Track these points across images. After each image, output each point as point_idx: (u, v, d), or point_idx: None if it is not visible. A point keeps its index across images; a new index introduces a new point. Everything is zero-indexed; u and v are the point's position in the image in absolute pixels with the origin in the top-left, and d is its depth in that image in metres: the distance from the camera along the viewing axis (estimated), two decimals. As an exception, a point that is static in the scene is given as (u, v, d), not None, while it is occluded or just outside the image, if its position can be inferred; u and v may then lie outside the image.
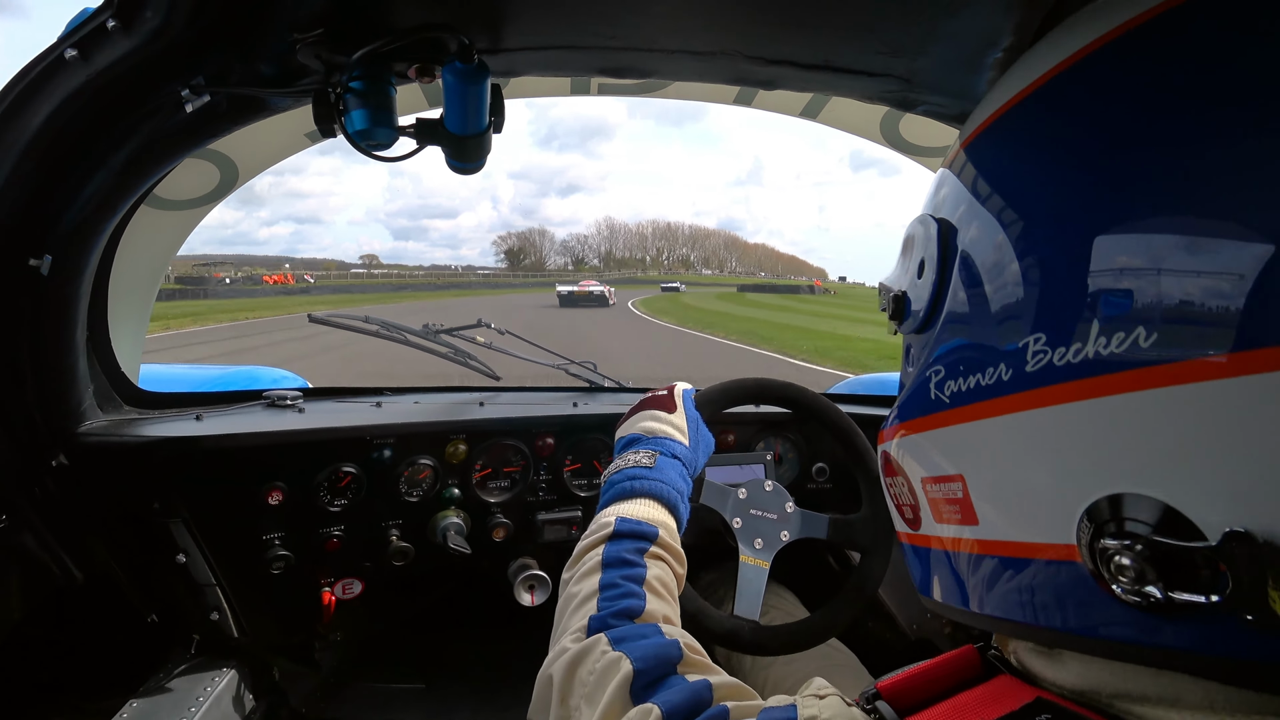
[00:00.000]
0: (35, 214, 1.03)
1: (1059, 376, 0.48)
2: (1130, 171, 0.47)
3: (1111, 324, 0.44)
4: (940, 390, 0.60)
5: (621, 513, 0.93)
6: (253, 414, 1.63)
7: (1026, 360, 0.50)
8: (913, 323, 0.67)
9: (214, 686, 1.42)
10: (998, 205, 0.57)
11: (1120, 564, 0.44)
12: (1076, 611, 0.49)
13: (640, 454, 1.04)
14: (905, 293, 0.70)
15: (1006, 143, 0.59)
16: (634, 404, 1.20)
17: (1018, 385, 0.51)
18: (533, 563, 1.65)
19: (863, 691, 0.60)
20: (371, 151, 1.04)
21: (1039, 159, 0.55)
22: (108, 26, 0.87)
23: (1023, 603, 0.53)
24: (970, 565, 0.59)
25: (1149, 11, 0.48)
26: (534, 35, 0.99)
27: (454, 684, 1.89)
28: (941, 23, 0.85)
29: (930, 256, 0.63)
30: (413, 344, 1.96)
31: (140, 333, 1.74)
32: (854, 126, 1.78)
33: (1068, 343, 0.47)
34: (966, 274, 0.59)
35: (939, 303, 0.62)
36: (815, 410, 1.37)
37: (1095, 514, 0.46)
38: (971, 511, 0.57)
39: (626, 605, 0.76)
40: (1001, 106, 0.59)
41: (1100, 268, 0.46)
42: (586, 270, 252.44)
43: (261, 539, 1.45)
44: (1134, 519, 0.43)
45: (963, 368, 0.57)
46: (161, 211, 1.63)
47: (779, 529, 1.25)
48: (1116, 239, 0.46)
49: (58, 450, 1.24)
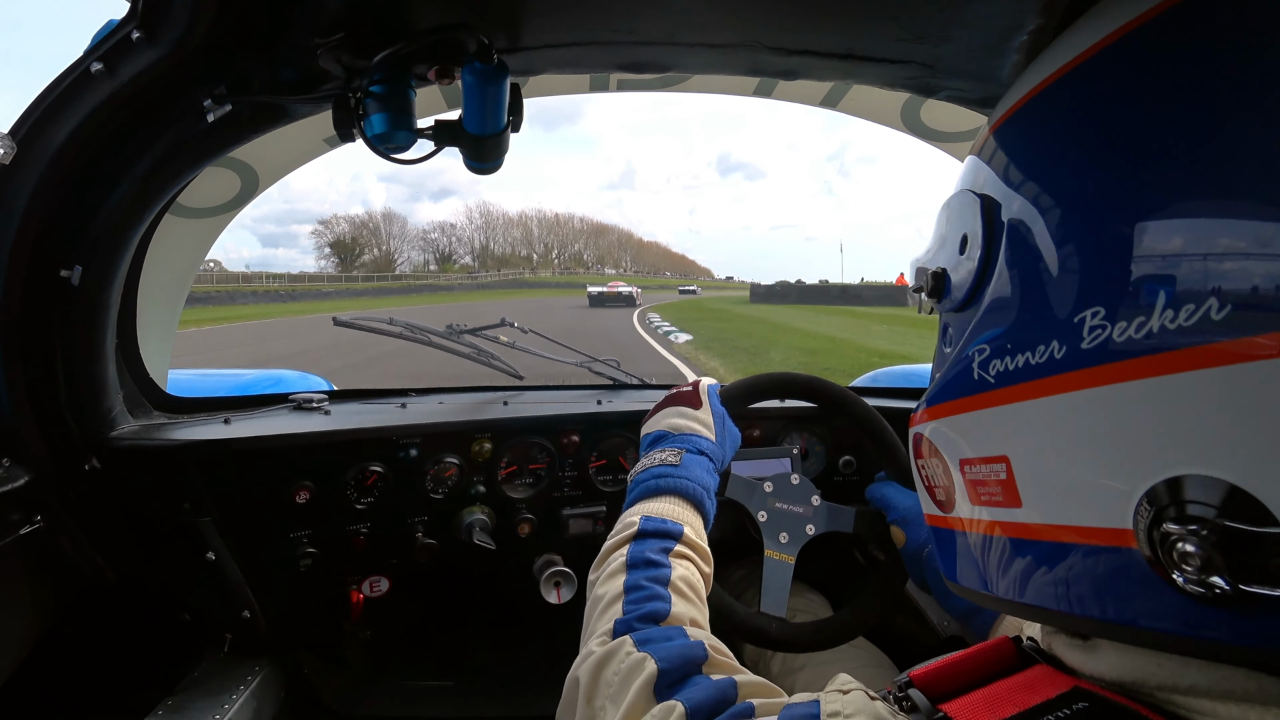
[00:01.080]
0: (64, 226, 1.05)
1: (1119, 353, 0.45)
2: (1207, 137, 0.44)
3: (1181, 297, 0.42)
4: (985, 370, 0.58)
5: (647, 511, 0.92)
6: (280, 416, 1.64)
7: (1082, 336, 0.48)
8: (953, 300, 0.65)
9: (246, 685, 1.44)
10: (1050, 176, 0.55)
11: (1184, 551, 0.41)
12: (1124, 601, 0.47)
13: (666, 451, 1.03)
14: (944, 269, 0.68)
15: (1063, 109, 0.56)
16: (659, 400, 1.20)
17: (1072, 363, 0.48)
18: (558, 559, 1.65)
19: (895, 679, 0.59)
20: (390, 155, 1.04)
21: (1101, 124, 0.52)
22: (132, 38, 0.88)
23: (1063, 591, 0.52)
24: (1006, 550, 0.58)
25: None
26: (553, 33, 0.99)
27: (481, 681, 1.90)
28: (966, 8, 0.84)
29: (974, 231, 0.61)
30: (436, 345, 1.96)
31: (168, 340, 1.76)
32: (875, 114, 1.76)
33: (1130, 317, 0.45)
34: (1015, 248, 0.57)
35: (984, 279, 0.60)
36: (841, 403, 1.36)
37: (1155, 498, 0.43)
38: (1015, 494, 0.55)
39: (652, 608, 0.75)
40: (1056, 71, 0.57)
41: (1168, 238, 0.44)
42: (456, 270, 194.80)
43: (289, 537, 1.47)
44: (1198, 502, 0.41)
45: (1010, 346, 0.55)
46: (185, 220, 1.64)
47: (804, 523, 1.24)
48: (1188, 208, 0.43)
49: (90, 454, 1.26)
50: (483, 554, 1.52)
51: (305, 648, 1.69)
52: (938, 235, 0.73)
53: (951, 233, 0.67)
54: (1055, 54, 0.58)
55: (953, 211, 0.68)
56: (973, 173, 0.66)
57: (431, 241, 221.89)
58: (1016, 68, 0.95)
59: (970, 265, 0.62)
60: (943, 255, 0.69)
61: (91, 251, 1.09)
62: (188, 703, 1.36)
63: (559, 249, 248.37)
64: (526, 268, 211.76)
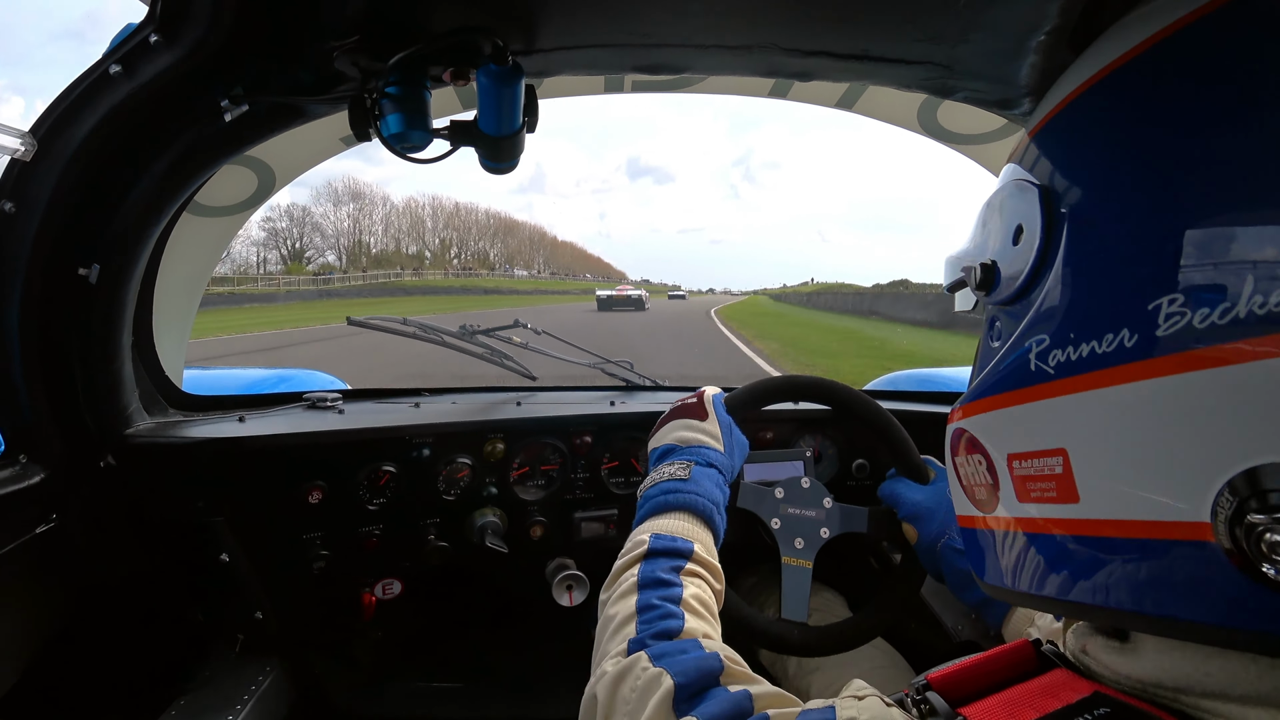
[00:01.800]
0: (83, 225, 1.06)
1: (1201, 340, 0.44)
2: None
3: (1271, 281, 0.41)
4: (1043, 360, 0.56)
5: (657, 529, 0.91)
6: (294, 415, 1.65)
7: (1158, 324, 0.46)
8: (1006, 292, 0.63)
9: (258, 685, 1.45)
10: (1122, 161, 0.53)
11: (1274, 541, 0.40)
12: (1192, 596, 0.46)
13: (675, 466, 1.02)
14: (995, 261, 0.66)
15: (1137, 90, 0.54)
16: (665, 412, 1.19)
17: (1145, 351, 0.47)
18: (570, 562, 1.65)
19: (912, 682, 0.58)
20: (406, 154, 1.04)
21: (1181, 105, 0.50)
22: (150, 41, 0.89)
23: (1117, 587, 0.50)
24: (1054, 547, 0.56)
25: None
26: (569, 35, 0.99)
27: (491, 683, 1.90)
28: (984, 10, 0.83)
29: (1031, 221, 0.60)
30: (450, 345, 1.97)
31: (183, 338, 1.77)
32: (891, 115, 1.75)
33: (1213, 303, 0.43)
34: (1079, 237, 0.55)
35: (1041, 269, 0.58)
36: (848, 403, 1.35)
37: (1237, 488, 0.42)
38: (1072, 488, 0.53)
39: (664, 626, 0.74)
40: (1127, 52, 0.55)
41: (1254, 222, 0.43)
42: (305, 272, 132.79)
43: (302, 538, 1.48)
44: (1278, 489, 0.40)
45: (1073, 335, 0.53)
46: (202, 219, 1.66)
47: (818, 526, 1.24)
48: (1275, 192, 0.42)
49: (106, 452, 1.28)
50: (494, 556, 1.52)
51: (316, 648, 1.70)
52: (982, 230, 0.71)
53: (1002, 225, 0.65)
54: (1124, 34, 0.57)
55: (1003, 203, 0.66)
56: (1025, 161, 0.65)
57: (279, 232, 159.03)
58: (1035, 69, 0.95)
59: (1027, 255, 0.60)
60: (992, 247, 0.67)
61: (110, 250, 1.10)
62: (199, 702, 1.37)
63: (459, 245, 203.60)
64: (413, 267, 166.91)
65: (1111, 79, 0.56)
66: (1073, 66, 0.62)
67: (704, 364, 13.98)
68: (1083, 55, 0.61)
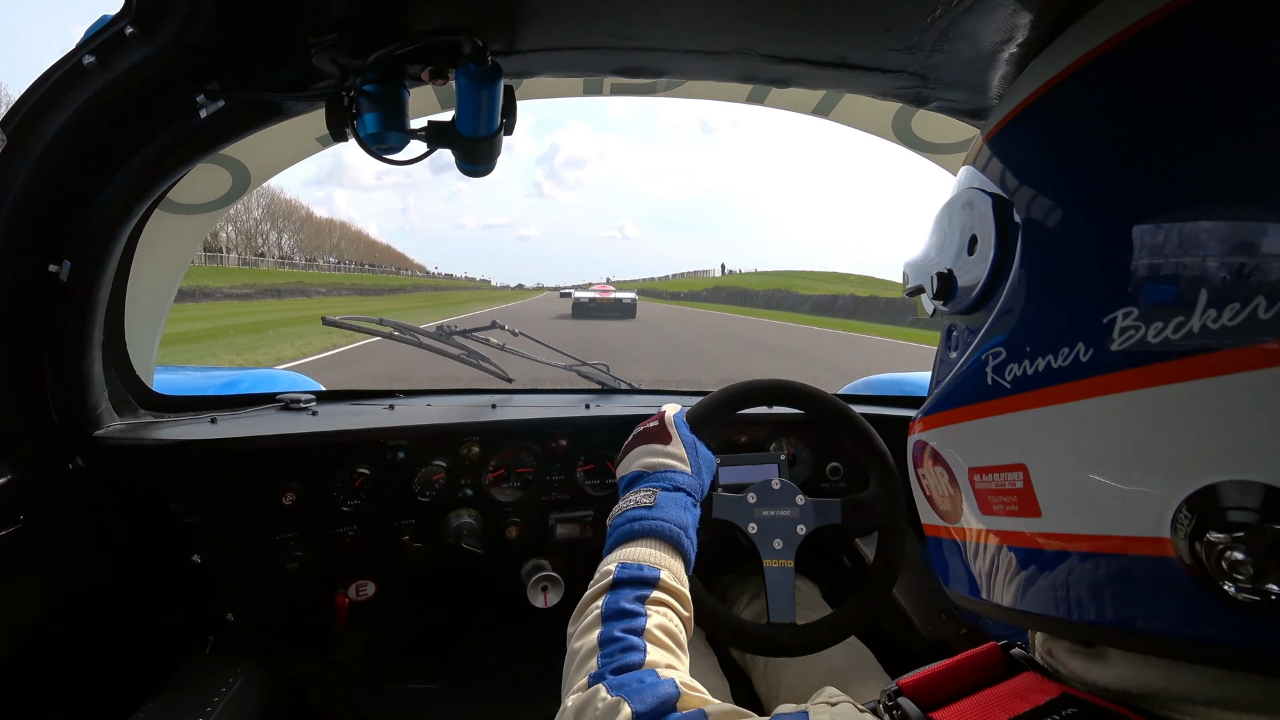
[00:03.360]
0: (54, 220, 1.04)
1: (1155, 355, 0.43)
2: (1246, 131, 0.42)
3: (1224, 295, 0.41)
4: (1000, 375, 0.55)
5: (624, 558, 0.90)
6: (267, 416, 1.64)
7: (1112, 338, 0.46)
8: (963, 302, 0.63)
9: (230, 687, 1.43)
10: (1074, 171, 0.53)
11: (1234, 559, 0.40)
12: (1155, 610, 0.46)
13: (641, 493, 1.01)
14: (951, 271, 0.66)
15: (1090, 98, 0.54)
16: (628, 440, 1.18)
17: (1100, 366, 0.47)
18: (546, 563, 1.64)
19: (884, 689, 0.59)
20: (383, 155, 1.04)
21: (1134, 114, 0.49)
22: (126, 33, 0.88)
23: (1081, 600, 0.50)
24: (1019, 559, 0.56)
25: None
26: (548, 37, 0.99)
27: (468, 685, 1.89)
28: (960, 20, 0.85)
29: (985, 231, 0.59)
30: (426, 346, 1.96)
31: (155, 337, 1.75)
32: (866, 124, 1.77)
33: (1167, 318, 0.43)
34: (1033, 248, 0.55)
35: (997, 280, 0.58)
36: (807, 399, 1.36)
37: (1196, 505, 0.42)
38: (1033, 503, 0.53)
39: (625, 660, 0.73)
40: (1081, 58, 0.54)
41: (1209, 235, 0.42)
42: None
43: (275, 539, 1.46)
44: (1241, 508, 0.40)
45: (1029, 349, 0.53)
46: (175, 216, 1.63)
47: (794, 524, 1.25)
48: (1230, 203, 0.42)
49: (76, 453, 1.25)
50: (470, 557, 1.52)
51: (290, 650, 1.68)
52: (938, 236, 0.71)
53: (957, 233, 0.65)
54: (1075, 41, 0.56)
55: (957, 211, 0.66)
56: (978, 171, 0.64)
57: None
58: (1007, 80, 0.96)
59: (981, 266, 0.60)
60: (947, 256, 0.67)
61: (81, 246, 1.08)
62: (170, 704, 1.35)
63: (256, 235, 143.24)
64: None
65: (1064, 86, 0.56)
66: (1027, 72, 0.63)
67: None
68: (1037, 61, 0.61)
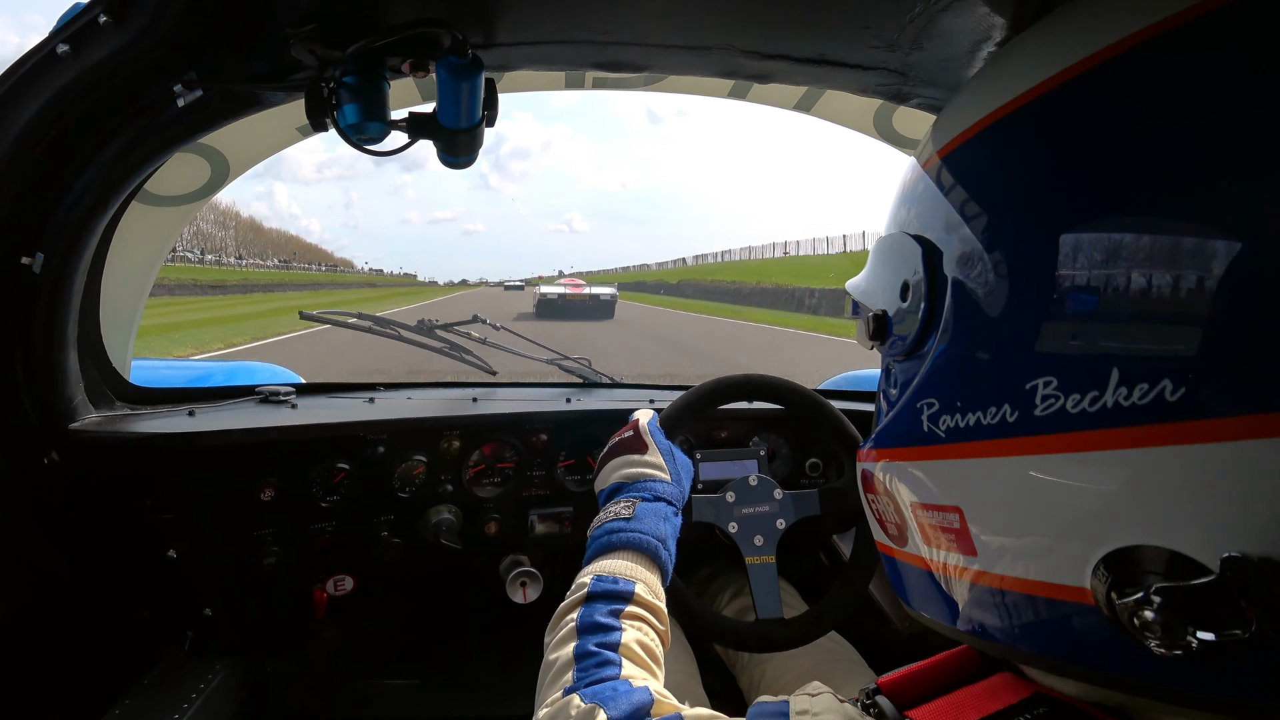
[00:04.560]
0: (27, 211, 1.03)
1: (1073, 424, 0.45)
2: (1152, 199, 0.43)
3: (1135, 374, 0.42)
4: (934, 424, 0.56)
5: (600, 570, 0.90)
6: (245, 410, 1.62)
7: (1035, 404, 0.47)
8: (897, 348, 0.64)
9: (207, 684, 1.42)
10: (997, 227, 0.52)
11: (1145, 619, 0.41)
12: (1089, 649, 0.47)
13: (620, 504, 1.01)
14: (885, 313, 0.66)
15: (1011, 147, 0.54)
16: (603, 451, 1.17)
17: (1025, 428, 0.48)
18: (524, 559, 1.64)
19: (863, 688, 0.60)
20: (363, 146, 1.03)
21: (1045, 175, 0.50)
22: (99, 21, 0.87)
23: (1027, 632, 0.52)
24: (965, 590, 0.58)
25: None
26: (528, 30, 0.99)
27: (447, 681, 1.89)
28: (938, 18, 0.85)
29: (915, 282, 0.60)
30: (407, 339, 1.95)
31: (132, 329, 1.73)
32: (848, 120, 1.78)
33: (1083, 390, 0.44)
34: (961, 305, 0.55)
35: (928, 330, 0.59)
36: (776, 390, 1.38)
37: (1112, 565, 0.44)
38: (970, 543, 0.55)
39: (600, 674, 0.73)
40: (1007, 103, 0.54)
41: (1123, 312, 0.43)
42: None
43: (253, 535, 1.45)
44: (1150, 571, 0.42)
45: (959, 404, 0.54)
46: (153, 207, 1.62)
47: (774, 519, 1.26)
48: (1145, 277, 0.42)
49: (50, 447, 1.24)
50: (449, 553, 1.52)
51: (268, 648, 1.67)
52: (874, 271, 0.71)
53: (890, 275, 0.65)
54: (1004, 81, 0.56)
55: (890, 253, 0.66)
56: (914, 202, 0.64)
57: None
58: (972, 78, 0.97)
59: (914, 316, 0.60)
60: (883, 297, 0.67)
61: (55, 238, 1.07)
62: (145, 703, 1.34)
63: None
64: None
65: (1004, 121, 0.55)
66: (970, 87, 0.62)
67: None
68: (982, 73, 0.61)
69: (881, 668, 0.62)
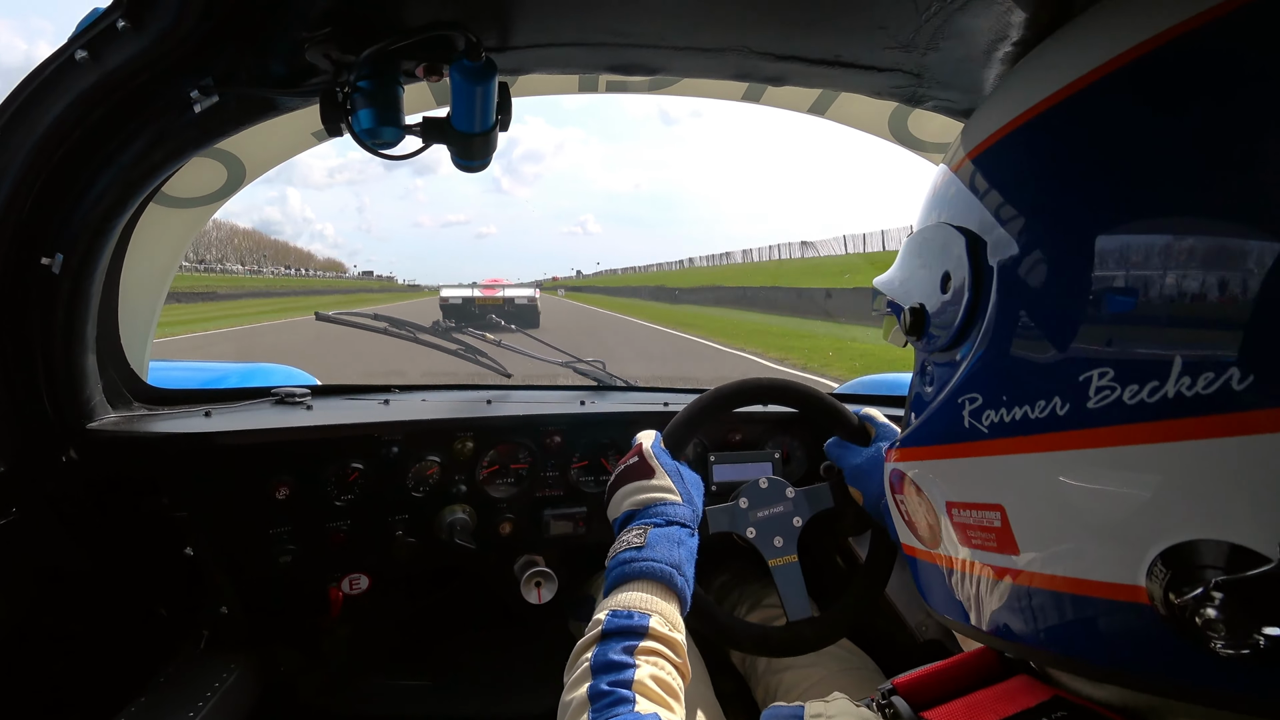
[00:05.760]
0: (46, 213, 1.04)
1: (1129, 416, 0.43)
2: (1228, 188, 0.41)
3: (1200, 363, 0.40)
4: (977, 419, 0.55)
5: (615, 605, 0.89)
6: (261, 411, 1.64)
7: (1088, 396, 0.46)
8: (936, 342, 0.62)
9: (222, 681, 1.43)
10: (1050, 217, 0.51)
11: (1208, 617, 0.40)
12: (1135, 651, 0.46)
13: (632, 532, 1.00)
14: (923, 306, 0.64)
15: (1064, 139, 0.52)
16: (611, 480, 1.15)
17: (1076, 422, 0.46)
18: (539, 559, 1.64)
19: (879, 687, 0.60)
20: (378, 150, 1.04)
21: (1113, 161, 0.48)
22: (118, 27, 0.88)
23: (1063, 634, 0.51)
24: (999, 590, 0.56)
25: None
26: (542, 33, 0.99)
27: (461, 680, 1.89)
28: (954, 18, 0.85)
29: (960, 272, 0.57)
30: (423, 341, 1.96)
31: (149, 330, 1.75)
32: (862, 123, 1.77)
33: (1142, 380, 0.43)
34: (1009, 295, 0.53)
35: (971, 323, 0.57)
36: (774, 391, 1.35)
37: (1171, 560, 0.42)
38: (1011, 541, 0.53)
39: (614, 713, 0.73)
40: (1057, 92, 0.52)
41: (1192, 299, 0.42)
42: None
43: (269, 533, 1.46)
44: (1211, 566, 0.40)
45: (1005, 398, 0.52)
46: (170, 210, 1.63)
47: (790, 518, 1.25)
48: (1210, 266, 0.41)
49: (68, 445, 1.25)
50: (463, 553, 1.52)
51: (283, 645, 1.68)
52: (909, 265, 0.69)
53: (929, 267, 0.63)
54: (1052, 70, 0.54)
55: (928, 244, 0.64)
56: (950, 201, 0.62)
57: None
58: (1001, 78, 0.96)
59: (955, 308, 0.58)
60: (920, 290, 0.65)
61: (74, 239, 1.08)
62: (162, 698, 1.35)
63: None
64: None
65: (1047, 116, 0.53)
66: (1013, 79, 0.60)
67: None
68: (1016, 72, 0.59)
69: (898, 674, 0.61)
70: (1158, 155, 0.45)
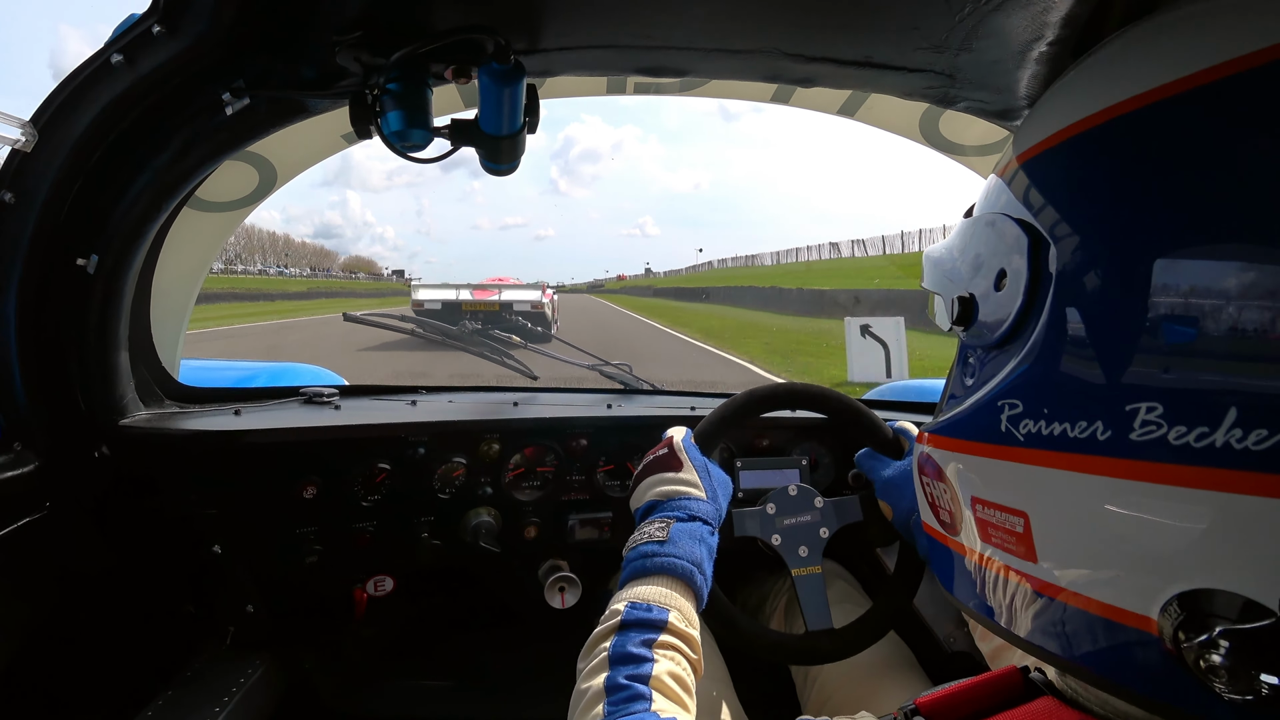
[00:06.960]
0: (82, 215, 1.06)
1: (1172, 456, 0.42)
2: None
3: (1255, 418, 0.39)
4: (1014, 425, 0.53)
5: (634, 597, 0.88)
6: (290, 410, 1.65)
7: (1132, 427, 0.44)
8: (984, 337, 0.60)
9: (247, 679, 1.44)
10: (1120, 234, 0.48)
11: (1212, 663, 0.40)
12: (1145, 676, 0.45)
13: (654, 525, 0.99)
14: (973, 297, 0.62)
15: (1144, 146, 0.48)
16: (638, 470, 1.15)
17: (1116, 450, 0.45)
18: (563, 564, 1.64)
19: (901, 707, 0.59)
20: (407, 153, 1.04)
21: (1183, 186, 0.45)
22: (153, 32, 0.89)
23: (1078, 646, 0.49)
24: (1015, 590, 0.55)
25: None
26: (571, 35, 0.99)
27: (482, 683, 1.89)
28: (988, 18, 0.83)
29: (1017, 270, 0.55)
30: (450, 343, 1.97)
31: (181, 330, 1.78)
32: (893, 125, 1.75)
33: (1191, 423, 0.41)
34: (1064, 307, 0.51)
35: (1023, 325, 0.55)
36: (810, 398, 1.32)
37: (1185, 603, 0.41)
38: (1032, 549, 0.52)
39: (631, 709, 0.72)
40: (1145, 92, 0.48)
41: (1256, 348, 0.40)
42: None
43: (295, 533, 1.48)
44: (1224, 617, 0.40)
45: (1047, 411, 0.50)
46: (203, 213, 1.66)
47: (817, 528, 1.23)
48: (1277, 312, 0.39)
49: (100, 442, 1.27)
50: (488, 556, 1.52)
51: (306, 644, 1.70)
52: (964, 250, 0.66)
53: (985, 259, 0.61)
54: (1144, 64, 0.50)
55: (988, 234, 0.61)
56: (1016, 192, 0.59)
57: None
58: (1037, 79, 0.94)
59: (1007, 308, 0.56)
60: (972, 280, 0.63)
61: (108, 241, 1.10)
62: (186, 696, 1.37)
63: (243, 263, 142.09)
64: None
65: (1121, 120, 0.50)
66: (1075, 75, 0.57)
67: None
68: (1107, 62, 0.55)
69: (939, 672, 0.60)
70: (1244, 179, 0.43)
